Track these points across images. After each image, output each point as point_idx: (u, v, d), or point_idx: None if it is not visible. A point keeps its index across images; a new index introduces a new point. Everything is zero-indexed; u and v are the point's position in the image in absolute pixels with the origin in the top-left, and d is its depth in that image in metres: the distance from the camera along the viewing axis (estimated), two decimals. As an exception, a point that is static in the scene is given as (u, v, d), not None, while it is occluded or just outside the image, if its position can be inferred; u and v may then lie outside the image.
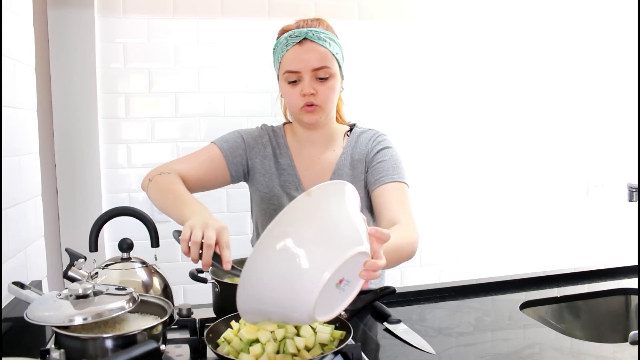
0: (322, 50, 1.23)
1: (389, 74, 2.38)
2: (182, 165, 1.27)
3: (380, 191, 1.27)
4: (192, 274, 1.08)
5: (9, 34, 1.19)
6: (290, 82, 1.24)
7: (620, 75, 2.62)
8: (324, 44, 1.24)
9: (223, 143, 1.34)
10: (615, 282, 1.39)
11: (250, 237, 1.57)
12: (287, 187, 1.34)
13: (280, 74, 1.28)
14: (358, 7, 2.33)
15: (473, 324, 1.13)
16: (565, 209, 2.60)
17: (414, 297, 1.30)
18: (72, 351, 0.81)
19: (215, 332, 0.90)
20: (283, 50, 1.24)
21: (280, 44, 1.27)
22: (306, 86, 1.22)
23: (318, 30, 1.25)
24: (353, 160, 1.34)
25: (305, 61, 1.21)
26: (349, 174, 1.34)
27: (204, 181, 1.32)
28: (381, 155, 1.33)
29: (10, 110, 1.19)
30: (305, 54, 1.22)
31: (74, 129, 2.07)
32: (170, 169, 1.23)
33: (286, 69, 1.24)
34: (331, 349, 0.85)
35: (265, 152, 1.36)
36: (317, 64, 1.22)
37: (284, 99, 1.33)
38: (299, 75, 1.23)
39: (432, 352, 0.96)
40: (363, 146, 1.36)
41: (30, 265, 1.28)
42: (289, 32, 1.25)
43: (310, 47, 1.22)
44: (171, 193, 1.15)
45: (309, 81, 1.23)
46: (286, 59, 1.24)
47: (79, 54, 2.04)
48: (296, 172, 1.35)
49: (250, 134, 1.39)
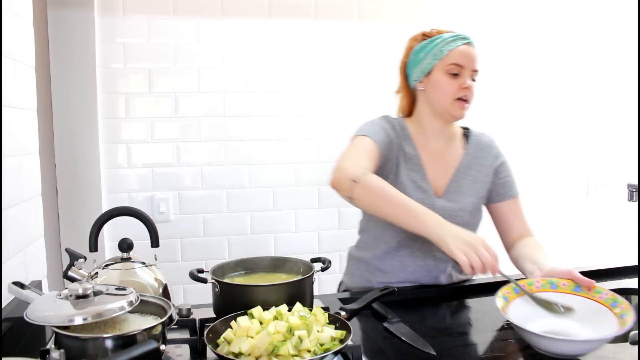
0: (477, 57, 1.36)
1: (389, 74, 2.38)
2: (362, 164, 1.26)
3: (510, 204, 1.45)
4: (192, 274, 1.08)
5: (9, 34, 1.19)
6: (452, 73, 1.33)
7: (620, 75, 2.62)
8: (476, 52, 1.36)
9: (375, 136, 1.33)
10: (615, 282, 1.39)
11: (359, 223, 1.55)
12: (412, 176, 1.38)
13: (440, 65, 1.34)
14: (358, 7, 2.33)
15: (473, 324, 1.13)
16: (565, 209, 2.60)
17: (414, 297, 1.30)
18: (72, 351, 0.81)
19: (215, 332, 0.90)
20: (451, 45, 1.33)
21: (444, 39, 1.34)
22: (467, 81, 1.33)
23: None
24: (477, 163, 1.44)
25: (471, 60, 1.34)
26: (472, 175, 1.43)
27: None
28: (506, 168, 1.47)
29: (10, 110, 1.19)
30: (471, 54, 1.35)
31: (74, 129, 2.07)
32: (362, 167, 1.23)
33: (454, 61, 1.33)
34: (331, 349, 0.85)
35: (395, 141, 1.39)
36: (475, 66, 1.35)
37: (434, 89, 1.36)
38: (461, 71, 1.33)
39: (432, 352, 0.96)
40: (486, 152, 1.46)
41: (30, 265, 1.28)
42: (453, 33, 1.35)
43: (473, 51, 1.36)
44: (390, 196, 1.17)
45: (467, 78, 1.34)
46: (455, 53, 1.33)
47: (79, 54, 2.05)
48: (421, 162, 1.39)
49: (387, 126, 1.39)
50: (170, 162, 2.22)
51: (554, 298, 1.06)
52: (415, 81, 1.40)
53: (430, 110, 1.39)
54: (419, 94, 1.41)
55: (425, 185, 1.38)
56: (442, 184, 1.41)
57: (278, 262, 1.20)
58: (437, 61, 1.34)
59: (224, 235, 2.28)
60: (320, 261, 1.17)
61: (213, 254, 2.25)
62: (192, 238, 2.25)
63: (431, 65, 1.35)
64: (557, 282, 1.10)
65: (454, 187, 1.41)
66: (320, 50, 2.31)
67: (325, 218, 2.38)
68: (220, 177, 2.26)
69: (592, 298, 1.05)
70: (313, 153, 2.34)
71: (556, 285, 1.10)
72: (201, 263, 2.19)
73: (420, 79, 1.38)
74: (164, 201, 2.20)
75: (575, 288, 1.08)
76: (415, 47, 1.39)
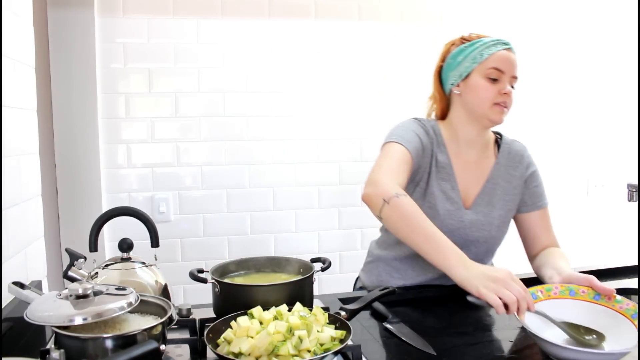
0: (517, 63, 1.33)
1: (389, 74, 2.38)
2: (396, 178, 1.22)
3: (538, 215, 1.42)
4: (192, 274, 1.08)
5: (9, 34, 1.19)
6: (491, 78, 1.30)
7: (620, 75, 2.62)
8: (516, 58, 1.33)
9: (409, 143, 1.30)
10: (615, 282, 1.39)
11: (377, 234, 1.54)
12: (443, 186, 1.35)
13: (480, 69, 1.31)
14: (358, 7, 2.33)
15: (473, 324, 1.13)
16: (565, 209, 2.60)
17: (414, 297, 1.30)
18: (72, 351, 0.81)
19: (215, 332, 0.90)
20: (491, 49, 1.30)
21: (484, 43, 1.31)
22: (506, 86, 1.30)
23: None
24: (507, 174, 1.41)
25: (511, 66, 1.31)
26: (502, 186, 1.39)
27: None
28: (536, 177, 1.43)
29: (10, 110, 1.19)
30: (512, 60, 1.31)
31: (74, 129, 2.07)
32: (396, 186, 1.19)
33: (495, 65, 1.30)
34: (331, 349, 0.85)
35: (428, 147, 1.36)
36: (515, 72, 1.32)
37: (472, 93, 1.32)
38: (501, 76, 1.30)
39: (432, 352, 0.96)
40: (517, 161, 1.42)
41: (30, 265, 1.28)
42: (494, 38, 1.33)
43: (513, 57, 1.32)
44: (419, 226, 1.14)
45: (506, 84, 1.31)
46: (496, 57, 1.30)
47: (79, 54, 2.05)
48: (453, 171, 1.36)
49: (420, 131, 1.35)
50: (170, 162, 2.22)
51: (579, 317, 1.02)
52: (452, 85, 1.36)
53: (467, 115, 1.35)
54: (455, 99, 1.37)
55: (455, 196, 1.35)
56: (472, 195, 1.37)
57: (278, 262, 1.20)
58: (477, 65, 1.31)
59: (224, 235, 2.28)
60: (320, 261, 1.17)
61: (213, 254, 2.25)
62: (192, 238, 2.25)
63: (470, 69, 1.32)
64: (576, 289, 1.07)
65: (484, 198, 1.37)
66: (320, 50, 2.31)
67: (325, 218, 2.38)
68: (220, 177, 2.26)
69: (612, 308, 1.02)
70: (313, 153, 2.34)
71: (575, 292, 1.07)
72: (201, 263, 2.19)
73: (457, 83, 1.34)
74: (164, 201, 2.20)
75: (595, 296, 1.05)
76: (453, 51, 1.36)
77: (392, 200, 1.15)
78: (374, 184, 1.20)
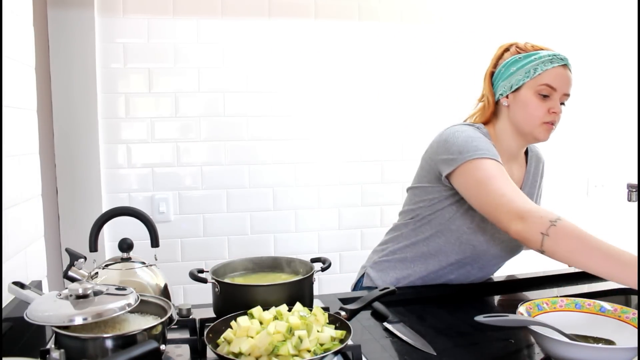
0: (572, 81, 1.30)
1: (389, 74, 2.38)
2: (524, 196, 1.16)
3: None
4: (192, 274, 1.08)
5: (9, 34, 1.19)
6: (542, 95, 1.28)
7: (620, 75, 2.62)
8: (571, 75, 1.30)
9: (496, 156, 1.24)
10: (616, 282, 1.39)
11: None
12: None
13: (532, 84, 1.28)
14: (358, 7, 2.33)
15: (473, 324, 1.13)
16: (565, 209, 2.59)
17: (414, 297, 1.30)
18: (72, 351, 0.81)
19: (215, 332, 0.90)
20: (547, 65, 1.27)
21: (540, 57, 1.28)
22: (556, 105, 1.28)
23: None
24: (535, 180, 1.44)
25: (565, 84, 1.28)
26: (532, 193, 1.43)
27: None
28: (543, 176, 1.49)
29: (10, 110, 1.19)
30: (566, 77, 1.28)
31: (74, 129, 2.07)
32: (544, 211, 1.10)
33: (547, 82, 1.27)
34: (331, 349, 0.85)
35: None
36: (568, 90, 1.29)
37: (521, 108, 1.29)
38: (553, 93, 1.28)
39: (432, 352, 0.96)
40: (540, 165, 1.47)
41: (30, 265, 1.28)
42: (552, 52, 1.29)
43: (569, 74, 1.29)
44: (593, 248, 1.03)
45: (557, 102, 1.29)
46: (550, 74, 1.27)
47: (79, 54, 2.05)
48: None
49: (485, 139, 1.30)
50: (170, 162, 2.22)
51: (586, 328, 1.01)
52: (501, 95, 1.33)
53: (512, 128, 1.33)
54: (502, 109, 1.34)
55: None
56: None
57: (278, 262, 1.20)
58: (529, 79, 1.28)
59: (224, 235, 2.28)
60: (320, 261, 1.17)
61: (213, 254, 2.25)
62: (192, 238, 2.25)
63: (522, 82, 1.28)
64: (582, 303, 1.06)
65: None
66: (320, 50, 2.31)
67: (325, 218, 2.38)
68: (220, 177, 2.26)
69: (619, 318, 1.01)
70: (313, 153, 2.34)
71: (581, 305, 1.06)
72: (201, 263, 2.19)
73: (507, 94, 1.31)
74: (164, 201, 2.20)
75: (601, 309, 1.04)
76: (507, 60, 1.33)
77: (551, 231, 1.05)
78: (520, 218, 1.09)
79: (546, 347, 0.92)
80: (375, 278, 1.46)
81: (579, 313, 1.04)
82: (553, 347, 0.90)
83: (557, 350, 0.90)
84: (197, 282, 1.07)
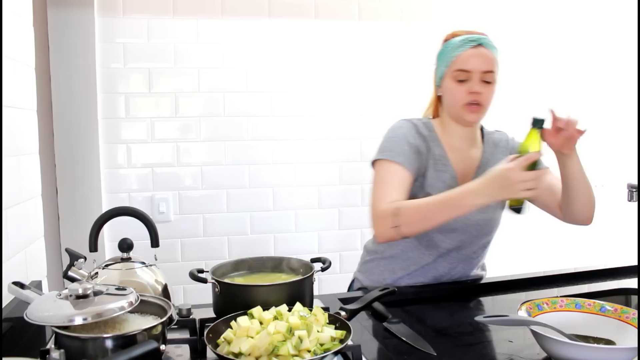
0: (492, 57, 1.33)
1: (389, 74, 2.38)
2: (395, 196, 1.27)
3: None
4: (192, 274, 1.08)
5: (9, 34, 1.19)
6: (459, 80, 1.32)
7: (620, 75, 2.62)
8: (494, 51, 1.35)
9: (400, 157, 1.33)
10: (615, 282, 1.39)
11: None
12: (442, 177, 1.38)
13: (448, 72, 1.34)
14: (358, 7, 2.33)
15: (473, 324, 1.13)
16: (565, 209, 2.59)
17: (414, 297, 1.30)
18: (72, 351, 0.81)
19: (215, 332, 0.90)
20: (457, 51, 1.32)
21: (452, 45, 1.34)
22: (474, 85, 1.31)
23: (490, 40, 1.36)
24: (495, 159, 1.42)
25: (479, 63, 1.31)
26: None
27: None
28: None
29: (10, 110, 1.19)
30: (479, 57, 1.32)
31: (74, 129, 2.07)
32: (392, 200, 1.25)
33: (458, 67, 1.32)
34: (331, 349, 0.85)
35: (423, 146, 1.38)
36: (487, 67, 1.32)
37: (447, 96, 1.37)
38: (469, 75, 1.31)
39: (432, 352, 0.97)
40: (502, 146, 1.47)
41: (30, 265, 1.28)
42: (464, 36, 1.33)
43: (483, 51, 1.32)
44: (429, 210, 1.20)
45: (477, 82, 1.32)
46: (460, 59, 1.32)
47: (79, 54, 2.05)
48: (449, 162, 1.39)
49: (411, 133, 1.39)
50: (170, 162, 2.22)
51: (587, 329, 1.01)
52: (437, 87, 1.40)
53: (448, 115, 1.40)
54: (442, 99, 1.41)
55: (454, 184, 1.37)
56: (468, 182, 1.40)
57: (278, 262, 1.20)
58: (446, 68, 1.34)
59: (224, 235, 2.28)
60: (320, 261, 1.17)
61: (213, 254, 2.25)
62: (192, 238, 2.25)
63: (442, 72, 1.36)
64: (582, 303, 1.05)
65: None
66: (320, 50, 2.31)
67: (325, 218, 2.38)
68: (220, 177, 2.26)
69: (619, 318, 1.00)
70: (313, 153, 2.34)
71: (581, 305, 1.05)
72: (201, 263, 2.19)
73: (439, 85, 1.39)
74: (164, 201, 2.20)
75: (601, 309, 1.03)
76: (437, 52, 1.39)
77: (399, 212, 1.20)
78: (372, 225, 1.26)
79: (546, 347, 0.92)
80: (363, 280, 1.48)
81: (579, 313, 1.04)
82: (553, 347, 0.90)
83: (557, 351, 0.90)
84: (197, 282, 1.07)
